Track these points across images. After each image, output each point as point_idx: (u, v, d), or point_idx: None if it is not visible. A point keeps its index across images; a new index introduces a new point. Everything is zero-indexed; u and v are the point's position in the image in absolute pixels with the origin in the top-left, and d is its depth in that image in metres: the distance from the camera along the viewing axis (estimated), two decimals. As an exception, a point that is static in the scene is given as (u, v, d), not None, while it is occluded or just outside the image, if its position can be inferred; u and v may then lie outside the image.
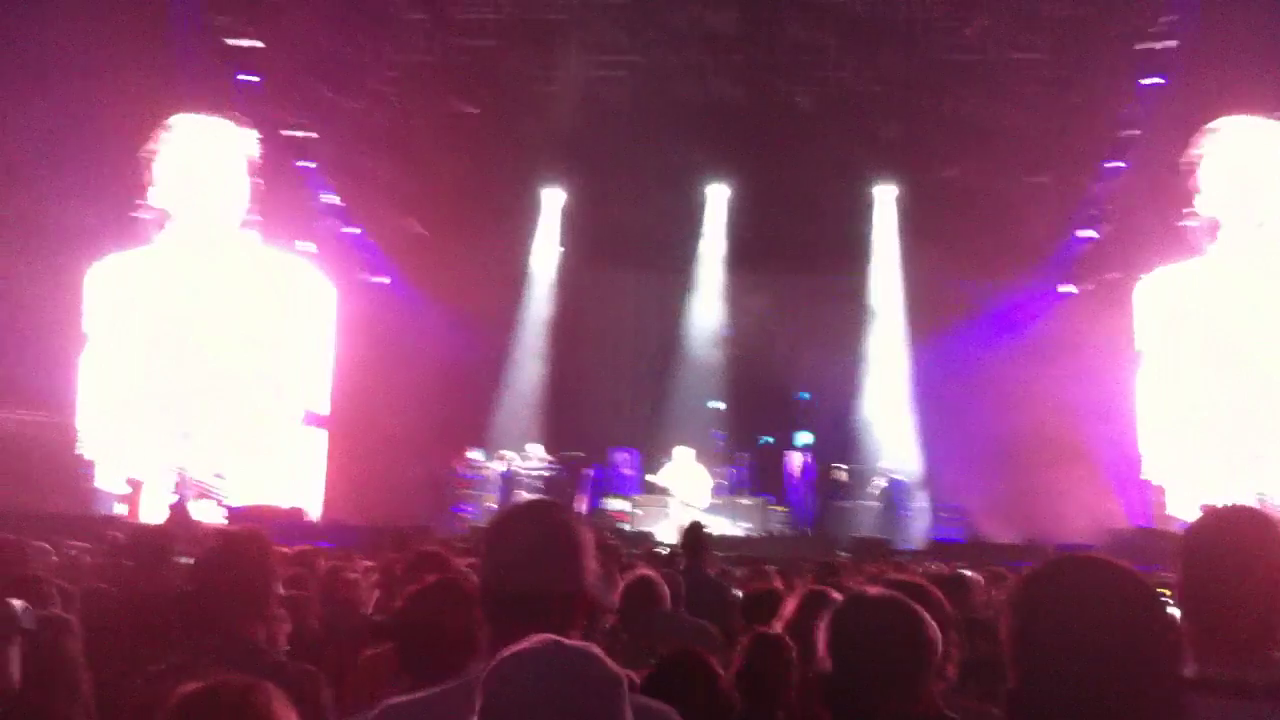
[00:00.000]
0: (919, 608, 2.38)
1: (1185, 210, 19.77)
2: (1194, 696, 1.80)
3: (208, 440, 19.82)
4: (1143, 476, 20.07)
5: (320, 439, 21.06)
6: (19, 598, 4.18)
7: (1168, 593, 2.58)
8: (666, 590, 5.34)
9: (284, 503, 19.61)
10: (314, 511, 20.25)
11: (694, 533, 8.26)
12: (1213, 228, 19.80)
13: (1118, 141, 19.78)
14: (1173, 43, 18.32)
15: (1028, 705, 1.75)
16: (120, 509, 19.29)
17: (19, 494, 19.36)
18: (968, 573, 7.20)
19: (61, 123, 20.76)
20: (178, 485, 19.04)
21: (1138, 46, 18.53)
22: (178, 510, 17.09)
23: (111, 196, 20.79)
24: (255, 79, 20.37)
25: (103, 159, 20.85)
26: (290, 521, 17.87)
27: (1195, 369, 19.68)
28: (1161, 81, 19.82)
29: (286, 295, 20.89)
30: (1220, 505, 2.60)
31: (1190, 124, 20.08)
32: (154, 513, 18.99)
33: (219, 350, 20.36)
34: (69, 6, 19.41)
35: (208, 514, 18.69)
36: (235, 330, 20.48)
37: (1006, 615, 1.82)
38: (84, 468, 20.07)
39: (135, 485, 19.70)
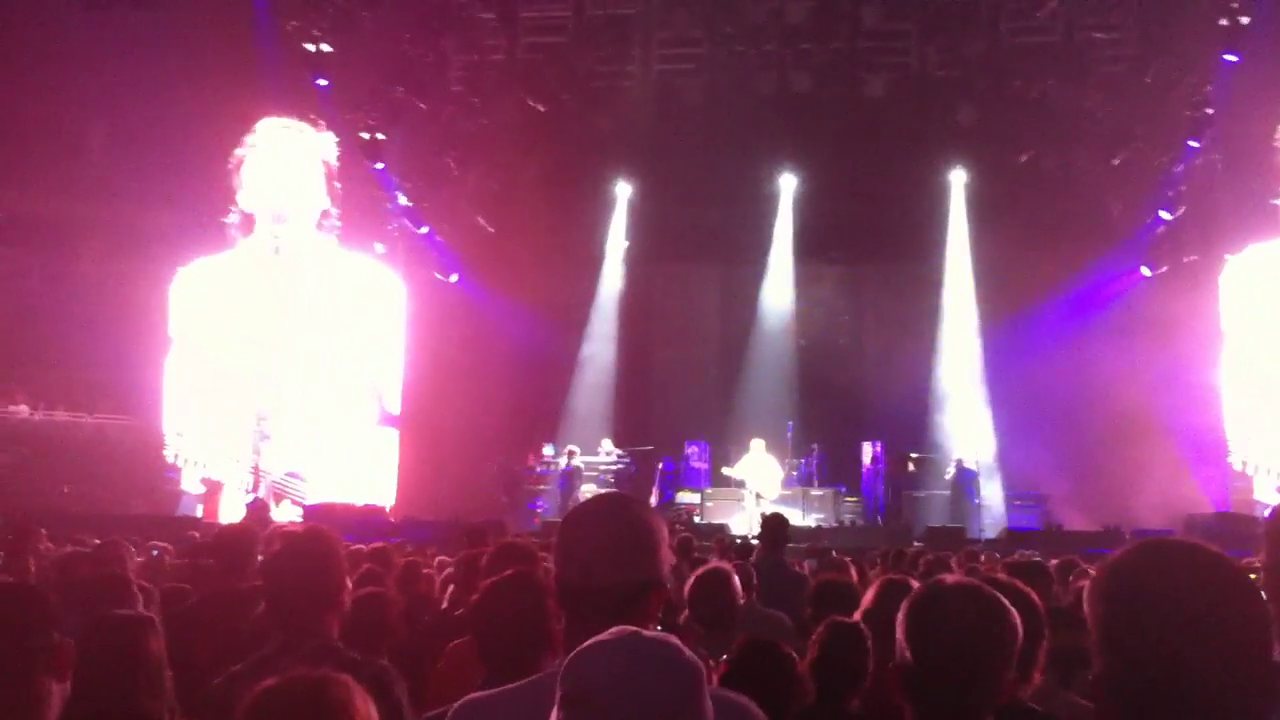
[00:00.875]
0: (1000, 596, 2.35)
1: (1271, 189, 19.48)
2: (1284, 682, 1.75)
3: (286, 441, 20.11)
4: (1229, 460, 19.71)
5: (394, 438, 21.28)
6: (107, 596, 4.27)
7: (1254, 576, 2.53)
8: (738, 582, 5.32)
9: (361, 501, 19.83)
10: (388, 508, 20.47)
11: (773, 524, 8.23)
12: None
13: (1196, 121, 19.43)
14: (1246, 19, 17.89)
15: (1119, 692, 1.72)
16: (199, 510, 19.67)
17: (103, 494, 19.84)
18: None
19: (149, 131, 21.27)
20: (255, 485, 19.33)
21: (1220, 23, 18.11)
22: (257, 509, 17.35)
23: (198, 202, 21.24)
24: (329, 83, 20.64)
25: (189, 165, 21.32)
26: (367, 518, 18.07)
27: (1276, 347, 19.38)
28: (1238, 59, 19.48)
29: (361, 297, 21.17)
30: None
31: (1270, 102, 19.78)
32: (232, 514, 19.33)
33: (297, 353, 20.67)
34: (155, 19, 19.82)
35: (287, 513, 18.97)
36: (313, 332, 20.79)
37: (1093, 602, 1.79)
38: (169, 471, 20.45)
39: (213, 486, 20.06)
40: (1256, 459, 19.50)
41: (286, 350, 20.70)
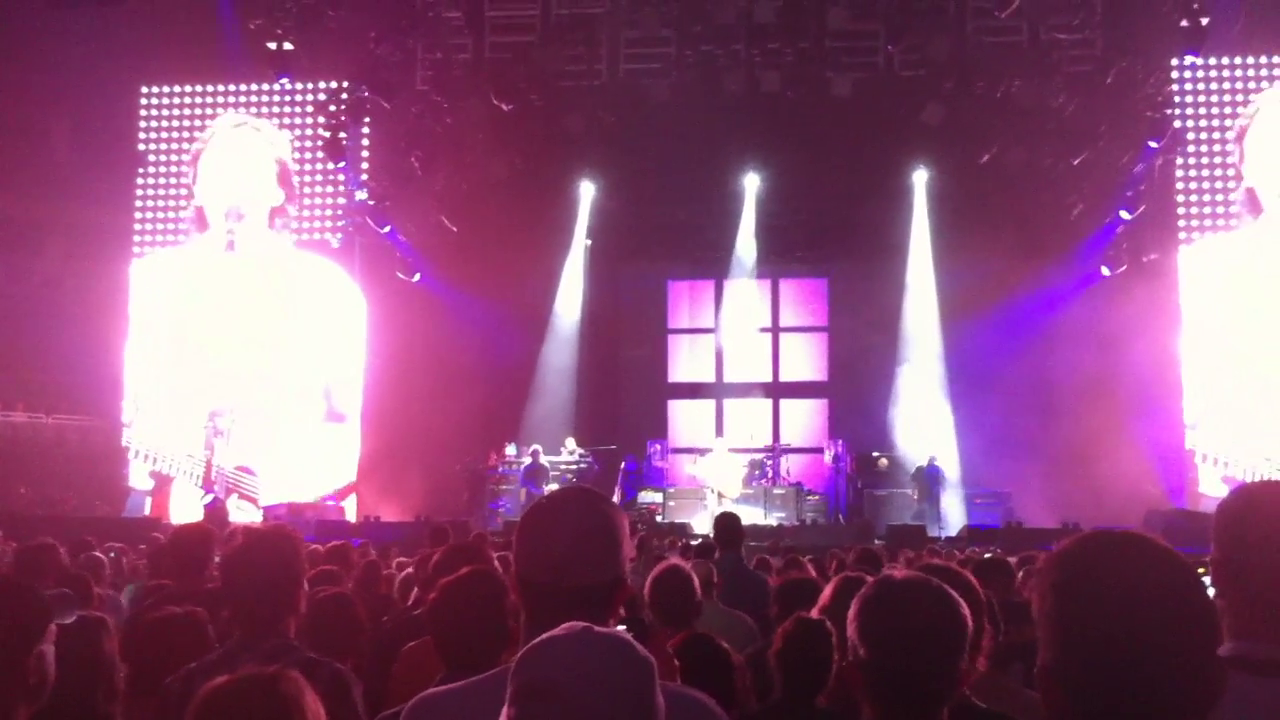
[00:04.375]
0: (949, 589, 2.37)
1: (1228, 183, 19.82)
2: (1230, 673, 1.77)
3: (238, 437, 20.04)
4: (1187, 447, 19.98)
5: (352, 436, 21.20)
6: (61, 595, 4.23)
7: (1203, 571, 2.56)
8: (696, 580, 5.33)
9: (316, 499, 19.81)
10: (349, 509, 20.41)
11: (726, 523, 8.24)
12: (1254, 197, 19.88)
13: (1156, 122, 19.65)
14: (1206, 20, 18.11)
15: (1062, 684, 1.73)
16: (149, 504, 19.60)
17: (64, 496, 19.69)
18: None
19: (112, 128, 21.16)
20: (206, 480, 19.24)
21: (1181, 24, 18.33)
22: (215, 510, 17.26)
23: (160, 200, 21.14)
24: (292, 82, 20.57)
25: (151, 163, 21.23)
26: (326, 519, 18.01)
27: (1237, 338, 19.72)
28: (1199, 59, 19.77)
29: (315, 294, 21.14)
30: (1254, 480, 2.59)
31: (1230, 100, 20.13)
32: (182, 509, 19.27)
33: (250, 349, 20.61)
34: (119, 17, 19.70)
35: (245, 513, 18.89)
36: (266, 329, 20.74)
37: (1037, 594, 1.80)
38: (121, 466, 20.35)
39: (162, 481, 19.96)
40: (1210, 449, 19.81)
41: (239, 346, 20.64)
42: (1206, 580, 2.43)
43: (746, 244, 22.61)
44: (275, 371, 20.68)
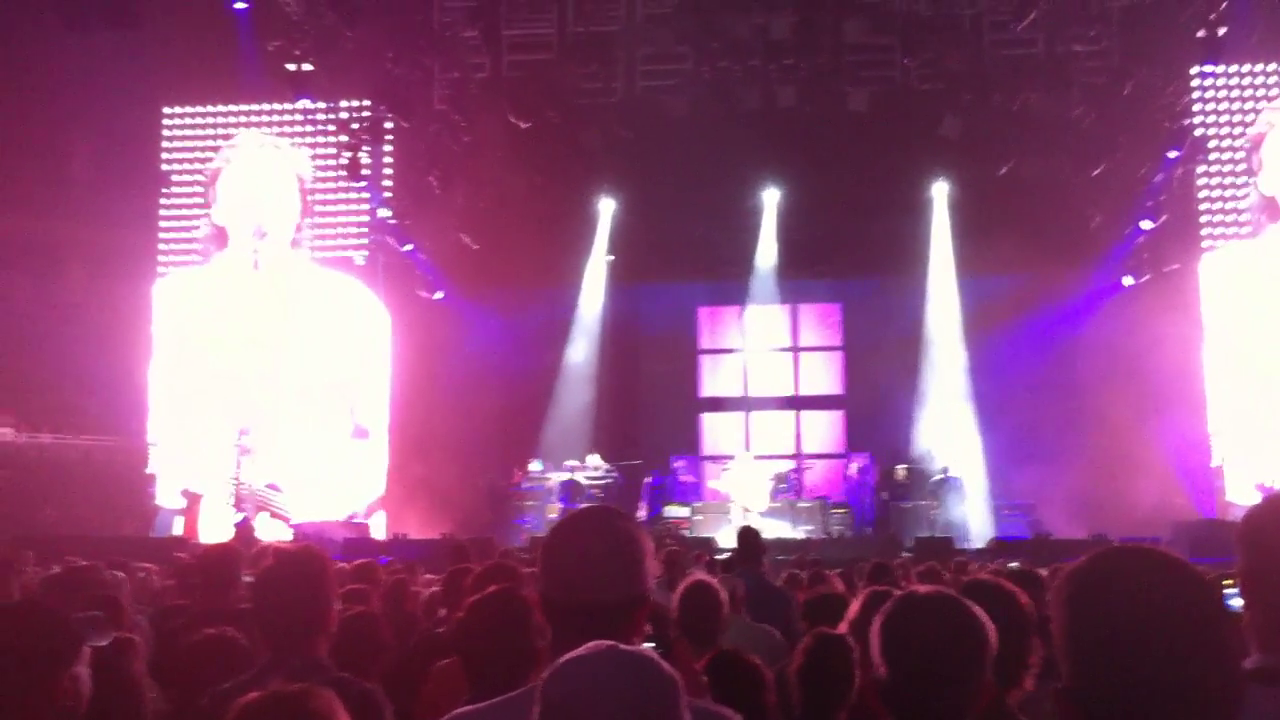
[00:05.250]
0: (971, 605, 2.37)
1: (1245, 192, 19.73)
2: (1255, 687, 1.77)
3: (265, 455, 20.11)
4: (1213, 461, 19.84)
5: (378, 453, 21.24)
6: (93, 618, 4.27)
7: (1230, 583, 2.54)
8: (723, 595, 5.32)
9: (343, 516, 19.84)
10: (377, 527, 20.44)
11: (747, 538, 8.23)
12: (1275, 204, 19.78)
13: (1175, 132, 19.59)
14: (1223, 30, 18.05)
15: (1077, 701, 1.73)
16: (179, 523, 19.66)
17: (91, 516, 19.79)
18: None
19: (132, 150, 21.33)
20: (236, 499, 19.30)
21: (1198, 34, 18.27)
22: (243, 529, 17.32)
23: (181, 221, 21.30)
24: (313, 101, 20.69)
25: (172, 185, 21.39)
26: (353, 537, 18.05)
27: (1258, 348, 19.59)
28: (1217, 68, 19.71)
29: (339, 312, 21.18)
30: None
31: (1251, 108, 20.04)
32: (212, 526, 19.34)
33: (276, 367, 20.70)
34: (137, 39, 19.83)
35: (273, 532, 18.95)
36: (291, 347, 20.82)
37: (1055, 609, 1.80)
38: (148, 484, 20.43)
39: (192, 499, 20.03)
40: (1235, 457, 19.65)
41: (264, 364, 20.73)
42: (1232, 592, 2.42)
43: (766, 258, 22.60)
44: (301, 389, 20.76)
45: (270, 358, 20.78)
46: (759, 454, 21.37)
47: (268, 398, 20.56)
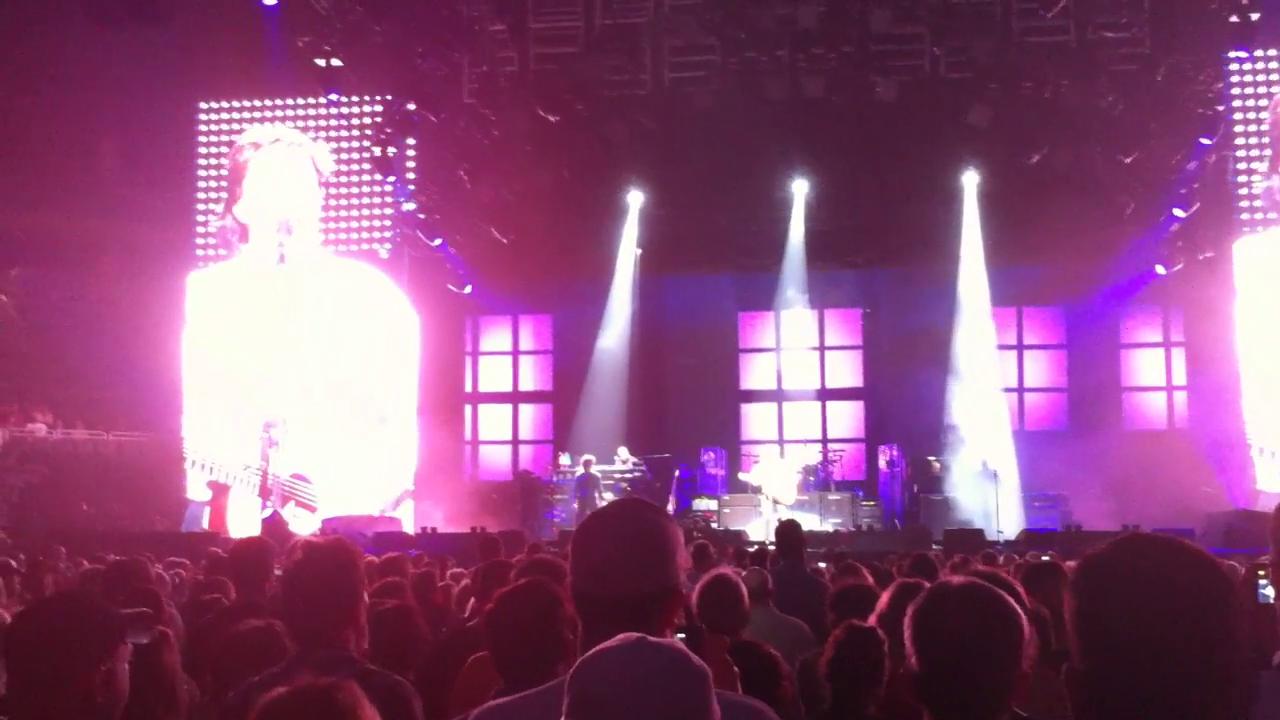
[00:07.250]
0: (1004, 595, 2.35)
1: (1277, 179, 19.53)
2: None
3: (293, 446, 20.22)
4: (1248, 445, 19.57)
5: (407, 445, 21.29)
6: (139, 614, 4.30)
7: (1264, 574, 2.52)
8: (744, 589, 5.30)
9: (372, 510, 19.91)
10: (406, 519, 20.52)
11: (789, 531, 8.22)
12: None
13: (1207, 118, 19.40)
14: (1256, 15, 17.85)
15: (1090, 687, 1.73)
16: (206, 515, 19.80)
17: (124, 511, 19.96)
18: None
19: (161, 146, 21.47)
20: (263, 490, 19.41)
21: (1230, 20, 18.07)
22: (274, 524, 17.42)
23: (210, 216, 21.42)
24: (341, 96, 20.78)
25: (201, 179, 21.52)
26: (383, 530, 18.13)
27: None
28: (1249, 53, 19.50)
29: (365, 306, 21.23)
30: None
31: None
32: (240, 519, 19.47)
33: (303, 360, 20.79)
34: (166, 36, 19.98)
35: (302, 521, 19.07)
36: (318, 340, 20.90)
37: (1068, 597, 1.80)
38: (181, 479, 20.58)
39: (219, 490, 20.16)
40: (1268, 445, 19.37)
41: (292, 357, 20.82)
42: (1265, 583, 2.40)
43: (795, 249, 22.54)
44: (328, 381, 20.83)
45: (296, 351, 20.88)
46: (790, 438, 21.35)
47: (295, 391, 20.65)
